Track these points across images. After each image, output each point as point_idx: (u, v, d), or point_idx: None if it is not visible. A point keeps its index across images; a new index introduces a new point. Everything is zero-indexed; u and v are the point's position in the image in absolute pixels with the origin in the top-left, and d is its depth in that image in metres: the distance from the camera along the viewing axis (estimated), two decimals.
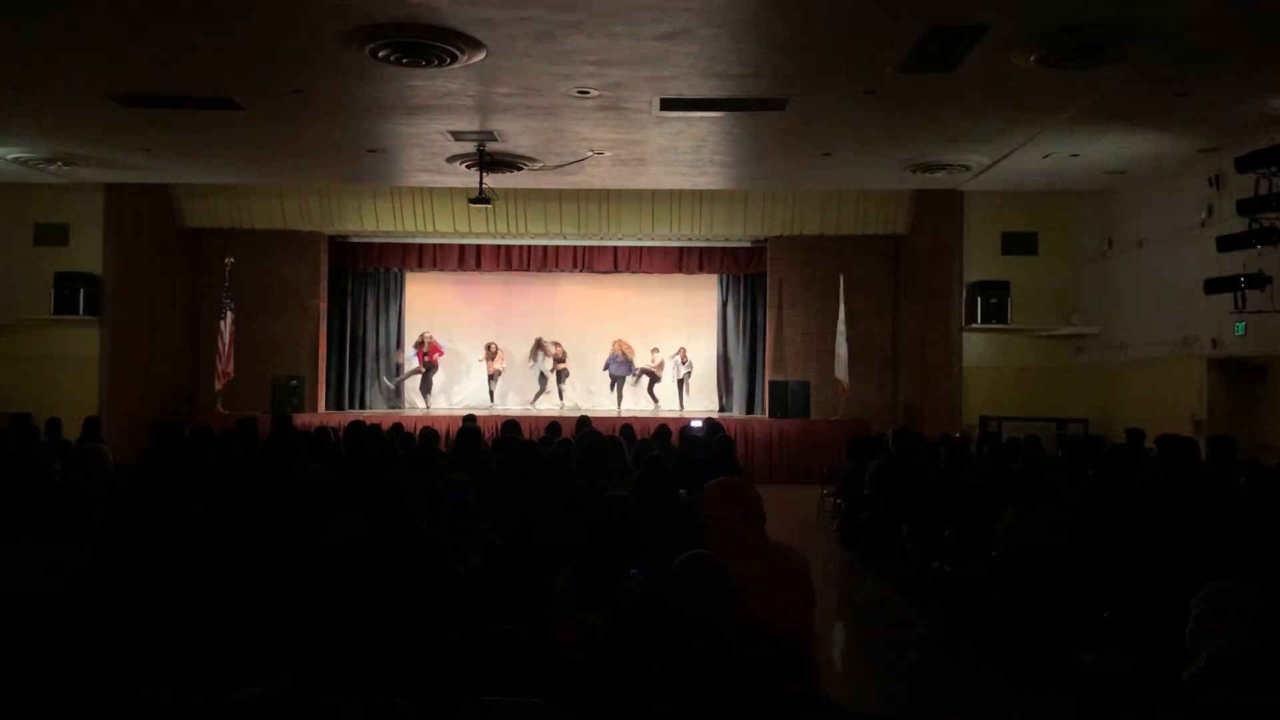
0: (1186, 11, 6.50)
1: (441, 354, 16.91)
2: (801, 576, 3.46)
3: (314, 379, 16.14)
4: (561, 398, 16.98)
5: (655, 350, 17.21)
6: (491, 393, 17.14)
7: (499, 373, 17.15)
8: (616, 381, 17.01)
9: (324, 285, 16.60)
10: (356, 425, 8.84)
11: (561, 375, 17.04)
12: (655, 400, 17.06)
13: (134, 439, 12.66)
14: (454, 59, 7.47)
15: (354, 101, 8.91)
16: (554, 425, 9.73)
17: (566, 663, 3.08)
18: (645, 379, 17.17)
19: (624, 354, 17.09)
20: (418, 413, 16.21)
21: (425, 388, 16.87)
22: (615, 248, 17.12)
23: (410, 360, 17.17)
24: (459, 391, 17.70)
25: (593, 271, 17.52)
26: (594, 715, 2.75)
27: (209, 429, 9.00)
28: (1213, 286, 9.63)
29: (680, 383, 17.20)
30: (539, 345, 17.23)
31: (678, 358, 17.21)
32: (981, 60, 7.46)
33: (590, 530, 3.60)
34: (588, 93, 8.52)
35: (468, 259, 17.24)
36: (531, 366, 17.24)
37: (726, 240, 16.79)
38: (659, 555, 3.44)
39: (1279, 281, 8.98)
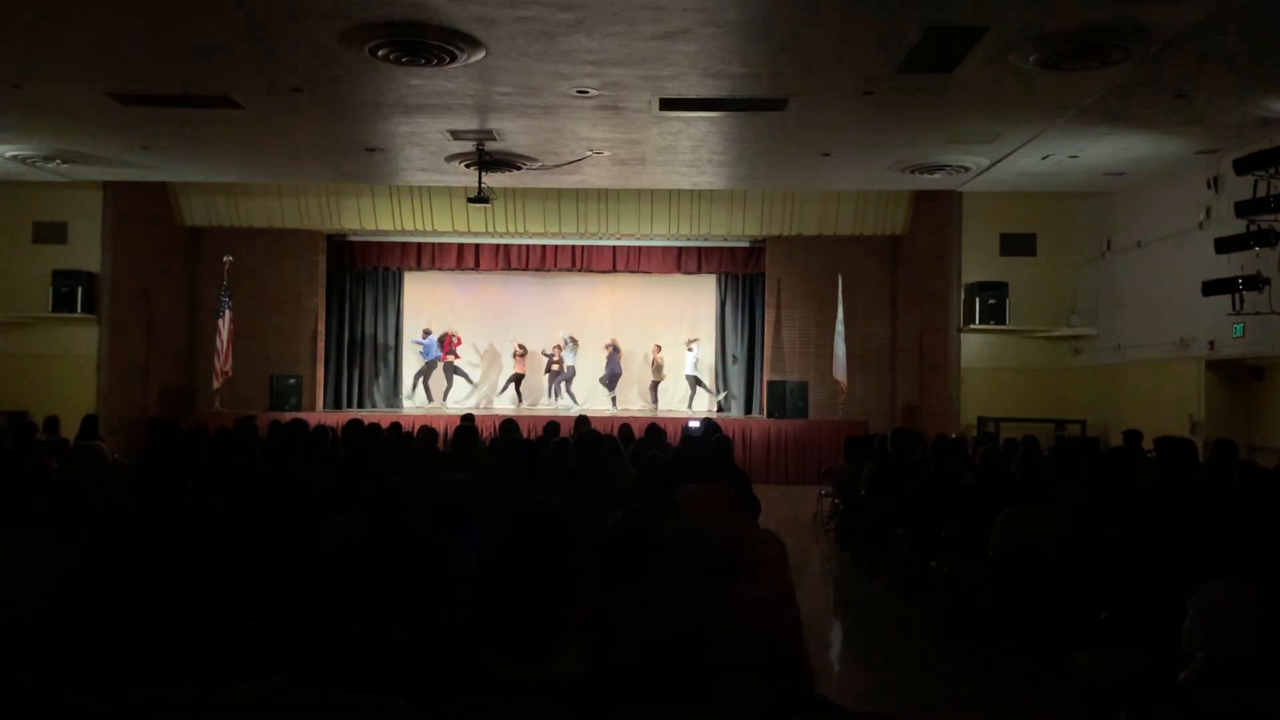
0: (1186, 13, 6.51)
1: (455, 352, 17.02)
2: (782, 561, 3.50)
3: (312, 378, 16.15)
4: (561, 397, 17.01)
5: (658, 348, 17.09)
6: (519, 394, 17.15)
7: (522, 376, 17.10)
8: (612, 381, 16.97)
9: (322, 284, 16.61)
10: (355, 424, 8.83)
11: (556, 375, 17.07)
12: (655, 400, 16.97)
13: (132, 437, 12.69)
14: (453, 58, 7.48)
15: (353, 100, 8.92)
16: (552, 425, 9.72)
17: None
18: (650, 381, 17.01)
19: (618, 353, 17.02)
20: (419, 411, 16.21)
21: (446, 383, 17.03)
22: (614, 247, 17.10)
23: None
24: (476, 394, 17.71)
25: (591, 271, 17.48)
26: (591, 715, 2.75)
27: (204, 427, 8.99)
28: (1210, 288, 9.64)
29: (693, 380, 16.83)
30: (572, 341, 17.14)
31: (693, 349, 16.82)
32: (980, 61, 7.48)
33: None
34: (587, 92, 8.52)
35: (466, 258, 17.23)
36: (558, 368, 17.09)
37: (725, 240, 16.77)
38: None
39: (1277, 283, 9.00)
